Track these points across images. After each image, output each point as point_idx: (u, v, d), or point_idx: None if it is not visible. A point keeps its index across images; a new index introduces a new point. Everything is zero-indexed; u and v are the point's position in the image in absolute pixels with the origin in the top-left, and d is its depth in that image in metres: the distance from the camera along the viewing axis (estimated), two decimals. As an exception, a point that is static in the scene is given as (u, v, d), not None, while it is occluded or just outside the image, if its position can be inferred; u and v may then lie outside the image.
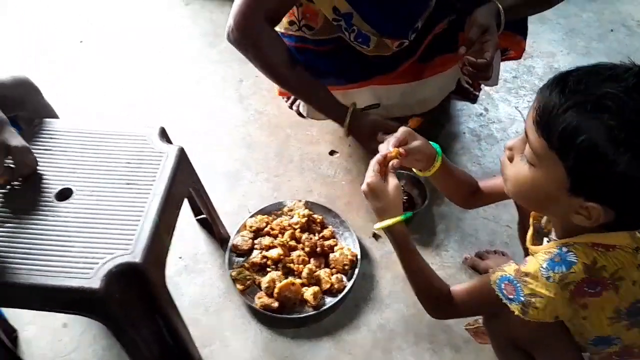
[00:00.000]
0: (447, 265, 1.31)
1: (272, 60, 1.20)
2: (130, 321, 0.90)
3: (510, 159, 0.79)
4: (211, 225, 1.33)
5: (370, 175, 0.88)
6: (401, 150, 0.90)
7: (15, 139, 0.94)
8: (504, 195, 0.85)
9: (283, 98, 1.71)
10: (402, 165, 0.90)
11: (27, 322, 1.20)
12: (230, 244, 1.31)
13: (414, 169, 0.98)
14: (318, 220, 1.36)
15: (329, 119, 1.31)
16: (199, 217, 1.39)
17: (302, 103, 1.64)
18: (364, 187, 0.89)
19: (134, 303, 0.90)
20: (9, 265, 0.86)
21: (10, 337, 1.17)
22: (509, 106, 1.72)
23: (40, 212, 0.93)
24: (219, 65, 1.87)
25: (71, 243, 0.89)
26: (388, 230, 0.89)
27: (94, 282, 0.84)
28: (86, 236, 0.89)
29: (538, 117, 0.69)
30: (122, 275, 0.86)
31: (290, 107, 1.69)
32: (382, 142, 0.94)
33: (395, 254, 0.93)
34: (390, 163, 0.89)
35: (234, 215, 1.39)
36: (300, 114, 1.66)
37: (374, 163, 0.89)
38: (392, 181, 0.88)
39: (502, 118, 1.68)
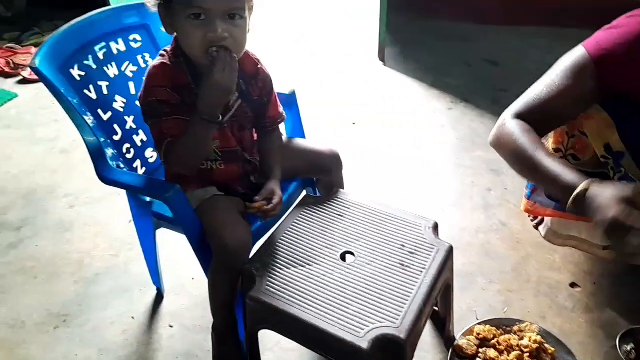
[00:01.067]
0: None
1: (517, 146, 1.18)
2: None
3: None
4: (440, 319, 1.39)
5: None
6: None
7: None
8: None
9: (529, 216, 1.73)
10: None
11: (268, 347, 1.41)
12: (455, 343, 1.35)
13: None
14: (550, 351, 1.31)
15: (550, 187, 1.18)
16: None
17: (544, 225, 1.63)
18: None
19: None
20: (298, 301, 1.05)
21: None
22: None
23: (327, 266, 1.13)
24: (470, 170, 1.99)
25: (349, 300, 1.05)
26: None
27: (363, 342, 0.97)
28: (362, 298, 1.05)
29: None
30: (386, 343, 0.98)
31: (536, 227, 1.70)
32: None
33: None
34: None
35: (460, 317, 1.44)
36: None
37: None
38: None
39: None
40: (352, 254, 1.16)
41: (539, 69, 2.72)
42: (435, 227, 1.21)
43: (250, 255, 1.17)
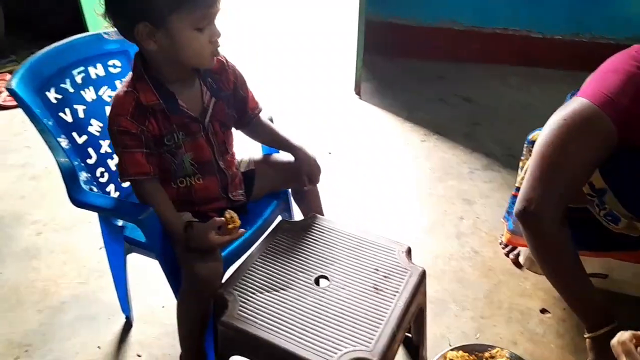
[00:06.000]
0: None
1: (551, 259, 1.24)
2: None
3: None
4: (413, 345, 1.39)
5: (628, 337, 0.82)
6: None
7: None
8: None
9: (500, 244, 1.77)
10: None
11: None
12: (428, 370, 1.35)
13: None
14: (521, 377, 1.32)
15: (577, 315, 1.29)
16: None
17: (522, 254, 1.68)
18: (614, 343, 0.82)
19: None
20: (270, 326, 1.04)
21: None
22: None
23: (301, 291, 1.12)
24: (443, 199, 2.03)
25: (323, 324, 1.04)
26: None
27: (336, 365, 0.96)
28: (336, 322, 1.04)
29: None
30: (359, 367, 0.97)
31: (507, 254, 1.73)
32: None
33: None
34: None
35: (433, 343, 1.44)
36: (517, 264, 1.69)
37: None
38: None
39: None
40: (327, 278, 1.16)
41: (512, 106, 2.83)
42: (409, 252, 1.23)
43: (224, 280, 1.16)
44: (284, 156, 1.41)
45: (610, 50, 1.25)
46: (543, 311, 1.55)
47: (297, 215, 1.49)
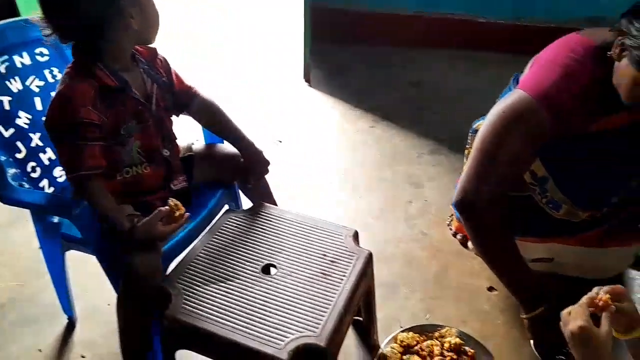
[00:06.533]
0: None
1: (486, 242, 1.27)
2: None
3: None
4: (364, 328, 1.40)
5: (584, 318, 0.85)
6: (611, 304, 0.88)
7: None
8: None
9: (448, 225, 1.81)
10: None
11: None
12: (379, 352, 1.36)
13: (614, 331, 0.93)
14: (470, 353, 1.35)
15: (515, 297, 1.33)
16: (355, 317, 1.48)
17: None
18: (574, 328, 0.85)
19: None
20: (216, 318, 1.02)
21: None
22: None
23: (247, 281, 1.10)
24: (392, 183, 2.05)
25: (270, 313, 1.03)
26: None
27: (283, 353, 0.95)
28: (283, 310, 1.03)
29: None
30: (306, 353, 0.97)
31: (454, 235, 1.77)
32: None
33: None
34: (608, 310, 0.87)
35: (385, 326, 1.45)
36: (464, 245, 1.73)
37: (584, 305, 0.87)
38: (606, 329, 0.84)
39: (682, 297, 1.57)
40: (274, 266, 1.15)
41: (458, 90, 2.87)
42: (356, 236, 1.23)
43: (168, 273, 1.13)
44: (228, 148, 1.38)
45: (550, 34, 1.29)
46: (490, 289, 1.60)
47: (247, 204, 1.47)
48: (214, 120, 1.34)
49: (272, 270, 1.15)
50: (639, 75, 0.98)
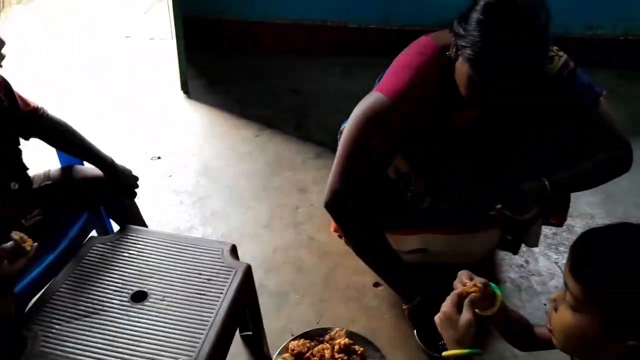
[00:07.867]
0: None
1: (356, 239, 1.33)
2: None
3: (555, 309, 0.85)
4: (255, 342, 1.37)
5: (447, 305, 0.94)
6: (478, 283, 0.96)
7: None
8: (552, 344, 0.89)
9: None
10: None
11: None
12: (271, 364, 1.34)
13: (476, 310, 1.01)
14: (359, 351, 1.38)
15: (393, 290, 1.40)
16: (243, 333, 1.44)
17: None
18: (439, 314, 0.94)
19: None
20: (79, 357, 0.93)
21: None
22: (548, 260, 1.78)
23: (116, 312, 1.03)
24: (279, 191, 2.04)
25: (141, 344, 0.96)
26: None
27: (157, 384, 0.90)
28: (155, 339, 0.97)
29: (574, 265, 0.77)
30: (183, 380, 0.91)
31: (340, 236, 1.80)
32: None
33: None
34: (468, 298, 0.94)
35: (277, 336, 1.44)
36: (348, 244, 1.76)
37: (453, 295, 0.95)
38: (467, 315, 0.93)
39: (542, 271, 1.73)
40: (145, 293, 1.08)
41: (337, 94, 2.93)
42: (234, 250, 1.19)
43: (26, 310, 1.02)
44: (89, 169, 1.28)
45: (417, 37, 1.35)
46: (376, 285, 1.65)
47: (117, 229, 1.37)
48: (68, 142, 1.23)
49: (144, 297, 1.08)
50: (472, 72, 1.06)
